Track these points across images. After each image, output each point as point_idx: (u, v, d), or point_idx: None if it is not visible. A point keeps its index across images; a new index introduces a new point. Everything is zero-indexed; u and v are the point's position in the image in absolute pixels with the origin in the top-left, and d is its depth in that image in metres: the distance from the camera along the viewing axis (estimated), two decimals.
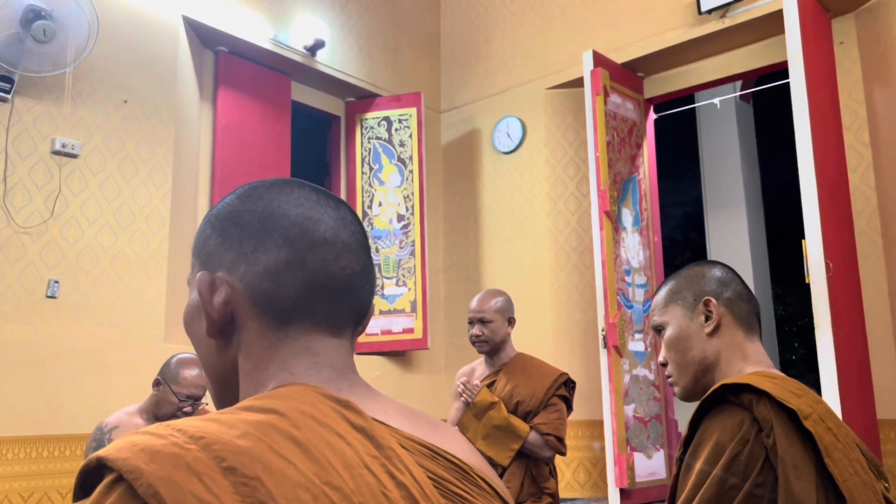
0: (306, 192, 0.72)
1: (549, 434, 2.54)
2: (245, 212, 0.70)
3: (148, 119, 3.97)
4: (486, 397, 2.60)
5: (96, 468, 0.55)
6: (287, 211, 0.69)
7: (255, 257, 0.68)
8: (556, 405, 2.59)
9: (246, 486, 0.53)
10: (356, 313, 0.72)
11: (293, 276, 0.68)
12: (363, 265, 0.72)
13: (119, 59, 3.88)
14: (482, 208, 5.36)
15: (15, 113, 3.47)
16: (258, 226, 0.69)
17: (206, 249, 0.71)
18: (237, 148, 4.49)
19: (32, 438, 3.34)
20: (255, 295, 0.68)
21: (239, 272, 0.69)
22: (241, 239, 0.69)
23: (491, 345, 2.65)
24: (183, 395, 2.56)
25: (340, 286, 0.69)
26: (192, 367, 2.61)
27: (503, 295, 2.71)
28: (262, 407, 0.61)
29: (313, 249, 0.68)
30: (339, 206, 0.73)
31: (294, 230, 0.69)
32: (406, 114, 5.17)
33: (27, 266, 3.44)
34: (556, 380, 2.63)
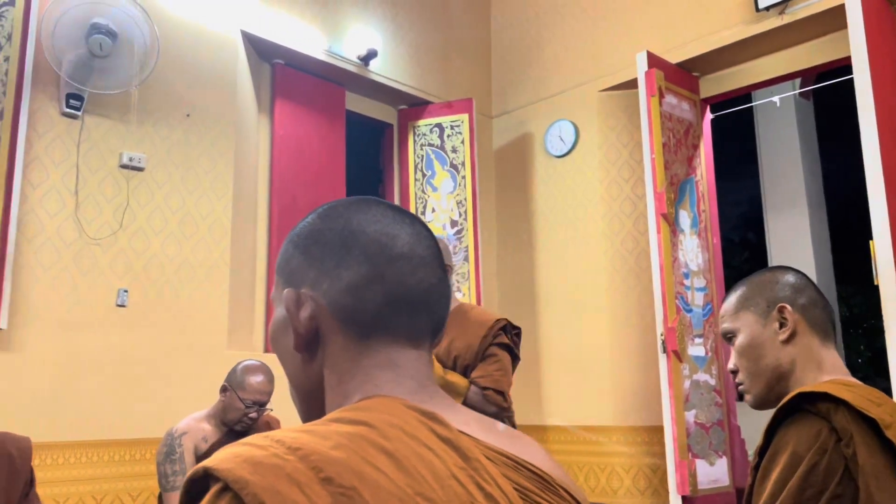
0: (383, 210, 0.74)
1: (487, 388, 2.30)
2: (326, 230, 0.73)
3: (209, 132, 4.09)
4: None
5: (202, 478, 0.58)
6: (366, 228, 0.72)
7: (336, 273, 0.71)
8: (496, 355, 2.35)
9: (343, 496, 0.55)
10: (433, 325, 0.74)
11: (373, 290, 0.70)
12: (439, 278, 0.74)
13: (181, 75, 4.00)
14: (535, 212, 5.34)
15: (85, 129, 3.62)
16: (339, 243, 0.72)
17: (289, 267, 0.74)
18: (294, 157, 4.58)
19: (104, 442, 3.47)
20: (338, 309, 0.71)
21: (322, 288, 0.71)
22: (322, 256, 0.72)
23: None
24: (249, 402, 2.63)
25: (418, 299, 0.71)
26: (257, 373, 2.68)
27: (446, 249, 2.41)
28: (352, 419, 0.63)
29: (391, 264, 0.71)
30: (414, 221, 0.75)
31: (373, 246, 0.71)
32: (458, 120, 5.19)
33: (98, 276, 3.58)
34: (493, 327, 2.36)
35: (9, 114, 3.28)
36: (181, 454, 2.57)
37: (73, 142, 3.57)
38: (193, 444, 2.62)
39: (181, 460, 2.56)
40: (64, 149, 3.55)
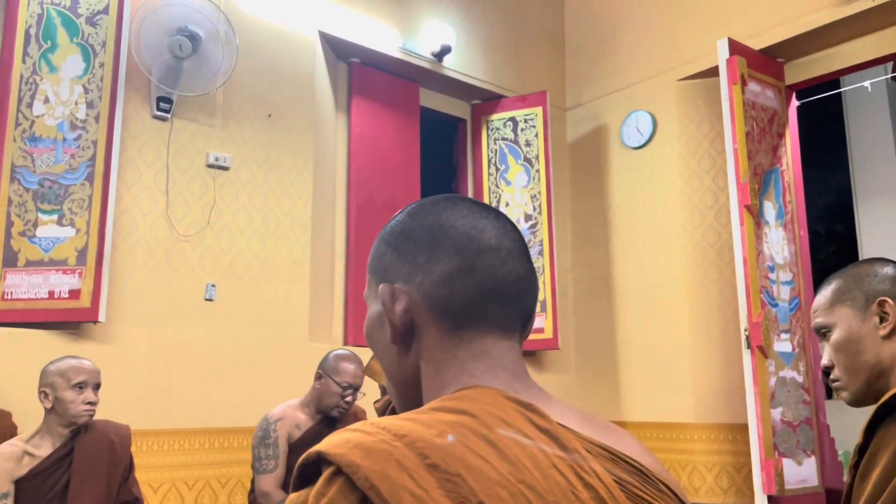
0: (468, 205, 0.76)
1: None
2: (416, 227, 0.76)
3: (290, 131, 4.20)
4: None
5: (314, 461, 0.60)
6: (454, 222, 0.74)
7: (428, 267, 0.73)
8: None
9: (449, 482, 0.57)
10: (523, 316, 0.75)
11: (464, 281, 0.72)
12: (527, 270, 0.75)
13: (262, 77, 4.13)
14: (611, 206, 5.27)
15: (174, 131, 3.78)
16: (429, 238, 0.74)
17: (382, 265, 0.77)
18: (370, 154, 4.66)
19: (194, 431, 3.63)
20: (432, 302, 0.73)
21: (415, 282, 0.73)
22: (414, 251, 0.74)
23: None
24: (345, 384, 2.73)
25: (508, 290, 0.73)
26: (349, 359, 2.80)
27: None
28: (453, 408, 0.65)
29: (481, 256, 0.73)
30: (499, 216, 0.77)
31: (462, 239, 0.73)
32: (531, 113, 5.16)
33: (188, 272, 3.74)
34: None
35: (104, 118, 3.45)
36: (275, 439, 2.67)
37: (164, 143, 3.74)
38: (287, 430, 2.72)
39: (275, 445, 2.66)
40: (155, 150, 3.72)
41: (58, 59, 3.46)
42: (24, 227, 3.30)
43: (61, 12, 3.49)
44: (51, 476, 2.27)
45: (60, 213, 3.34)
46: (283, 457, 2.68)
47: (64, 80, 3.45)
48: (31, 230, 3.30)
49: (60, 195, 3.35)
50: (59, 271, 3.28)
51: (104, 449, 2.35)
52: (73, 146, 3.40)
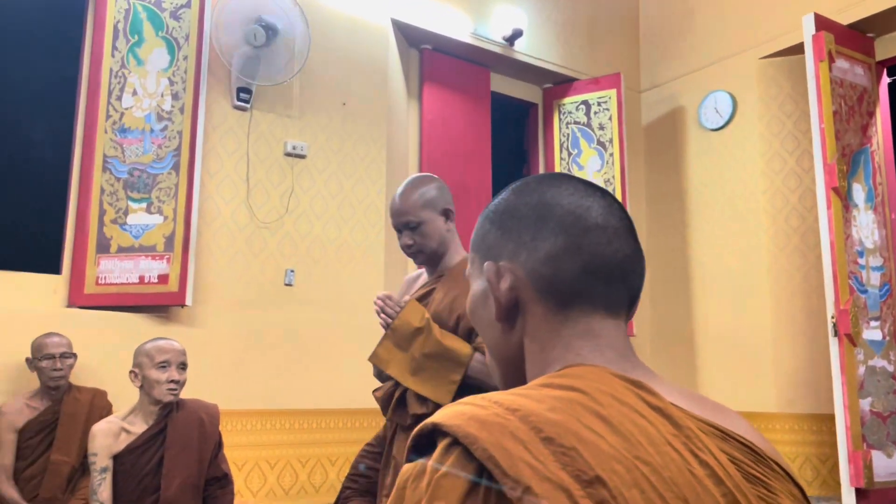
0: (574, 183, 0.76)
1: None
2: (521, 205, 0.75)
3: (363, 119, 4.26)
4: (410, 319, 1.92)
5: (429, 433, 0.62)
6: (560, 200, 0.74)
7: (534, 245, 0.73)
8: None
9: (565, 456, 0.57)
10: (629, 296, 0.74)
11: (570, 260, 0.71)
12: (633, 249, 0.74)
13: (337, 66, 4.19)
14: (688, 190, 5.13)
15: (253, 121, 3.88)
16: (534, 216, 0.74)
17: (486, 243, 0.77)
18: (442, 141, 4.68)
19: (275, 412, 3.73)
20: (537, 280, 0.73)
21: (520, 260, 0.74)
22: (519, 230, 0.74)
23: (427, 253, 2.01)
24: None
25: (614, 269, 0.72)
26: None
27: (430, 182, 2.03)
28: (562, 384, 0.65)
29: (587, 234, 0.72)
30: (605, 194, 0.76)
31: (568, 218, 0.73)
32: (605, 96, 5.07)
33: (268, 257, 3.85)
34: None
35: (189, 109, 3.57)
36: None
37: (244, 132, 3.85)
38: None
39: None
40: (235, 140, 3.83)
41: (144, 53, 3.59)
42: (116, 214, 3.46)
43: (147, 7, 3.62)
44: (146, 452, 2.38)
45: (149, 201, 3.48)
46: None
47: (150, 73, 3.58)
48: (121, 218, 3.45)
49: (149, 184, 3.49)
50: (149, 257, 3.43)
51: (195, 426, 2.45)
52: (160, 137, 3.54)
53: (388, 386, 2.00)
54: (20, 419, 2.95)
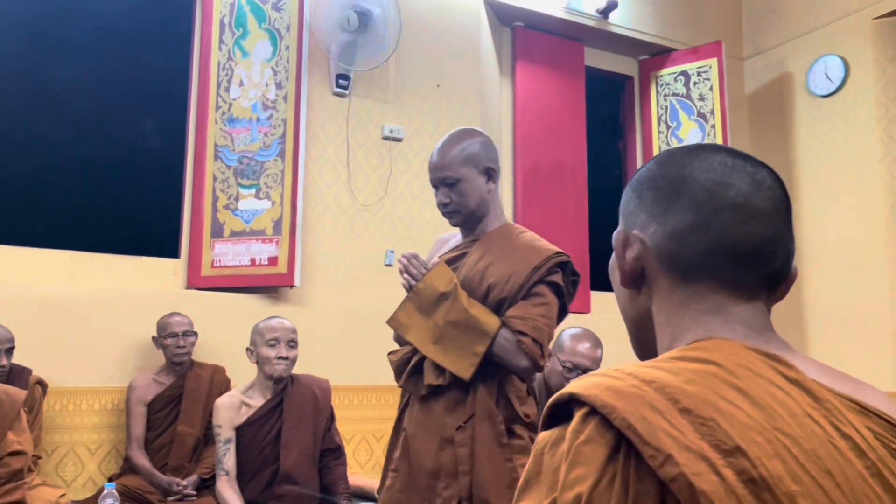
0: (722, 157, 0.74)
1: (523, 333, 1.71)
2: (660, 176, 0.75)
3: (457, 100, 4.28)
4: (436, 283, 1.76)
5: (565, 402, 0.64)
6: (698, 176, 0.73)
7: (664, 219, 0.73)
8: (543, 296, 1.76)
9: (704, 426, 0.58)
10: (766, 278, 0.72)
11: (696, 238, 0.71)
12: (776, 232, 0.72)
13: (430, 48, 4.23)
14: (796, 160, 4.90)
15: (352, 106, 3.99)
16: (670, 189, 0.74)
17: (626, 210, 0.79)
18: (535, 119, 4.65)
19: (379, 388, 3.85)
20: (662, 253, 0.73)
21: (649, 231, 0.74)
22: (654, 201, 0.75)
23: (464, 213, 1.83)
24: (570, 365, 2.72)
25: (745, 251, 0.70)
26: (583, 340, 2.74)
27: (474, 136, 1.86)
28: (695, 357, 0.66)
29: (718, 214, 0.71)
30: (758, 171, 0.73)
31: (702, 195, 0.72)
32: (705, 65, 4.89)
33: (369, 239, 3.96)
34: (549, 259, 1.77)
35: (291, 97, 3.71)
36: None
37: (343, 118, 3.95)
38: None
39: None
40: (335, 125, 3.94)
41: (249, 45, 3.74)
42: (228, 201, 3.64)
43: (250, 0, 3.76)
44: (265, 424, 2.52)
45: (258, 187, 3.65)
46: None
47: (255, 64, 3.73)
48: (233, 204, 3.63)
49: (257, 171, 3.66)
50: (259, 240, 3.60)
51: (309, 400, 2.58)
52: (266, 125, 3.69)
53: (404, 351, 1.87)
54: (149, 393, 3.18)
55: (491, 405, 1.74)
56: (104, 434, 3.27)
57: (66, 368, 3.22)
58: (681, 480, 0.55)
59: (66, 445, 3.20)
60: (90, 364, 3.28)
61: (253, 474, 2.49)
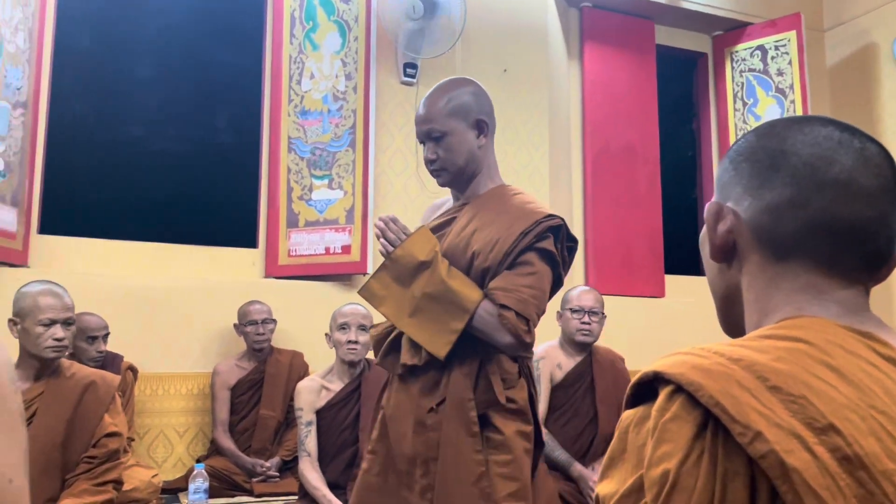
0: (828, 132, 0.71)
1: (505, 307, 1.54)
2: (759, 148, 0.73)
3: (524, 85, 4.26)
4: (415, 250, 1.61)
5: (649, 381, 0.64)
6: (799, 150, 0.70)
7: (759, 193, 0.71)
8: (531, 265, 1.57)
9: (794, 404, 0.57)
10: (866, 259, 0.69)
11: (794, 214, 0.69)
12: (880, 212, 0.68)
13: (496, 32, 4.21)
14: (883, 133, 4.66)
15: (420, 95, 4.01)
16: (768, 163, 0.71)
17: (722, 181, 0.76)
18: (605, 100, 4.57)
19: None
20: (755, 228, 0.71)
21: (744, 205, 0.72)
22: (750, 174, 0.72)
23: (452, 171, 1.69)
24: (577, 307, 2.89)
25: (846, 230, 0.68)
26: (585, 291, 2.94)
27: (464, 85, 1.70)
28: (785, 335, 0.64)
29: (820, 191, 0.68)
30: (867, 147, 0.70)
31: (803, 170, 0.69)
32: (783, 39, 4.71)
33: None
34: (539, 223, 1.58)
35: (361, 88, 3.76)
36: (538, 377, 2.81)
37: (411, 107, 3.98)
38: (549, 369, 2.84)
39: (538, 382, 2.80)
40: (404, 114, 3.98)
41: (319, 38, 3.81)
42: (302, 191, 3.73)
43: None
44: (344, 407, 2.59)
45: (330, 177, 3.72)
46: (545, 394, 2.79)
47: (325, 56, 3.80)
48: (307, 194, 3.72)
49: (329, 162, 3.73)
50: (332, 230, 3.68)
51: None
52: (337, 116, 3.76)
53: (385, 324, 1.72)
54: (232, 378, 3.30)
55: (465, 388, 1.58)
56: (191, 417, 3.43)
57: (154, 355, 3.38)
58: (771, 458, 0.54)
59: (156, 428, 3.37)
60: (177, 350, 3.43)
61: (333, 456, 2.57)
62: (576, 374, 2.81)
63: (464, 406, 1.57)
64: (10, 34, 3.07)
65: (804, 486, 0.54)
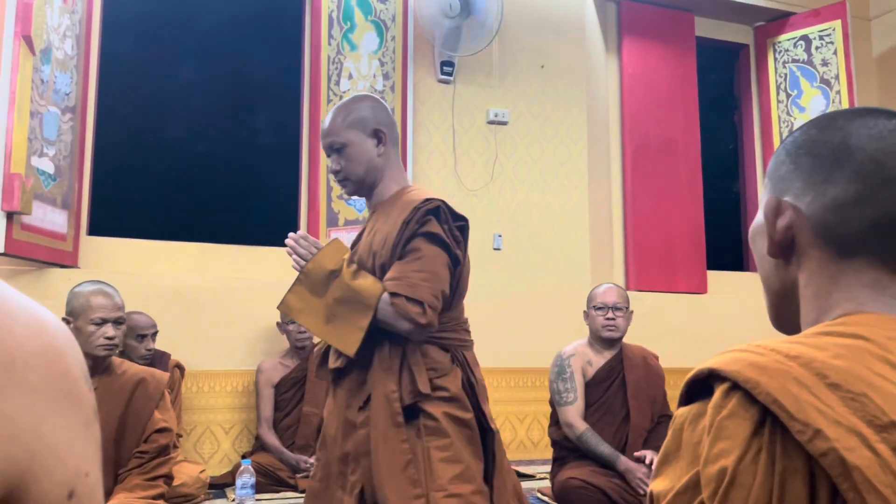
0: (893, 125, 0.69)
1: (396, 294, 1.60)
2: (820, 142, 0.71)
3: (562, 80, 4.23)
4: (325, 261, 1.68)
5: (704, 378, 0.64)
6: (865, 144, 0.68)
7: (822, 188, 0.69)
8: (418, 250, 1.63)
9: (854, 402, 0.57)
10: None
11: (860, 211, 0.67)
12: None
13: (533, 28, 4.20)
14: None
15: (457, 92, 4.02)
16: (831, 158, 0.69)
17: (777, 174, 0.74)
18: (644, 94, 4.52)
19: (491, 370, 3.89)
20: (818, 224, 0.69)
21: (805, 200, 0.70)
22: (812, 168, 0.70)
23: (354, 180, 1.77)
24: (601, 304, 2.88)
25: None
26: (608, 288, 2.92)
27: (364, 100, 1.80)
28: (844, 332, 0.63)
29: (888, 186, 0.66)
30: None
31: (869, 165, 0.67)
32: (827, 28, 4.60)
33: (476, 224, 3.96)
34: (417, 209, 1.65)
35: (398, 87, 3.78)
36: (571, 374, 2.81)
37: (448, 105, 4.00)
38: (581, 366, 2.83)
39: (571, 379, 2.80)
40: (441, 112, 3.99)
41: (357, 38, 3.84)
42: (341, 191, 3.77)
43: None
44: None
45: None
46: (580, 390, 2.78)
47: (363, 56, 3.83)
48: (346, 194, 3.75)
49: None
50: None
51: None
52: None
53: (321, 344, 1.83)
54: (276, 375, 3.35)
55: (387, 382, 1.63)
56: (236, 414, 3.49)
57: (200, 353, 3.45)
58: (832, 455, 0.54)
59: (202, 425, 3.44)
60: (222, 349, 3.50)
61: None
62: (606, 370, 2.81)
63: (388, 399, 1.62)
64: (58, 41, 3.16)
65: (866, 483, 0.53)
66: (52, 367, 0.43)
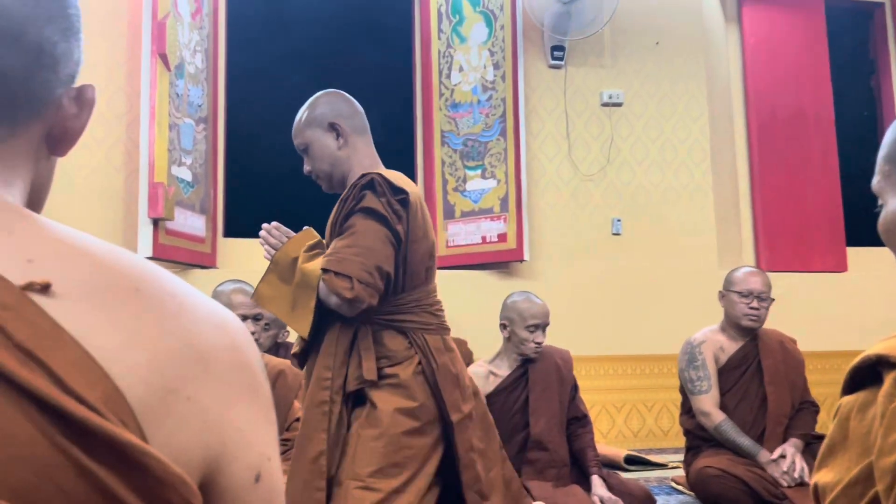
0: None
1: (326, 270, 1.57)
2: None
3: (678, 55, 4.08)
4: (290, 250, 1.71)
5: (871, 365, 0.61)
6: None
7: None
8: (352, 226, 1.60)
9: None
10: None
11: None
12: None
13: (646, 4, 4.06)
14: None
15: (568, 76, 3.96)
16: None
17: None
18: (769, 65, 4.28)
19: (615, 357, 3.83)
20: None
21: None
22: None
23: (324, 178, 1.79)
24: (745, 291, 2.67)
25: None
26: (753, 273, 2.74)
27: (321, 97, 1.81)
28: None
29: None
30: None
31: None
32: None
33: (594, 209, 3.93)
34: (354, 185, 1.64)
35: (509, 76, 3.77)
36: (703, 361, 2.71)
37: (560, 90, 3.94)
38: (713, 353, 2.73)
39: (703, 367, 2.70)
40: (553, 98, 3.95)
41: (466, 30, 3.87)
42: (456, 183, 3.81)
43: None
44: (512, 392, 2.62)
45: (482, 167, 3.77)
46: (714, 378, 2.69)
47: (472, 48, 3.85)
48: (461, 185, 3.80)
49: (481, 152, 3.78)
50: (488, 219, 3.73)
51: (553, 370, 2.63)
52: (486, 106, 3.79)
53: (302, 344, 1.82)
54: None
55: (322, 367, 1.62)
56: None
57: None
58: None
59: None
60: None
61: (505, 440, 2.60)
62: (739, 357, 2.68)
63: (318, 384, 1.62)
64: (189, 56, 3.37)
65: None
66: (235, 361, 0.46)
